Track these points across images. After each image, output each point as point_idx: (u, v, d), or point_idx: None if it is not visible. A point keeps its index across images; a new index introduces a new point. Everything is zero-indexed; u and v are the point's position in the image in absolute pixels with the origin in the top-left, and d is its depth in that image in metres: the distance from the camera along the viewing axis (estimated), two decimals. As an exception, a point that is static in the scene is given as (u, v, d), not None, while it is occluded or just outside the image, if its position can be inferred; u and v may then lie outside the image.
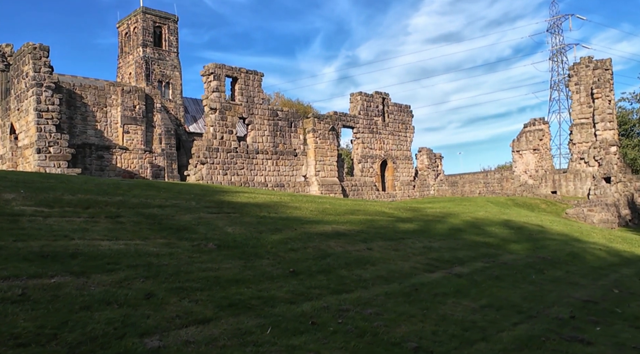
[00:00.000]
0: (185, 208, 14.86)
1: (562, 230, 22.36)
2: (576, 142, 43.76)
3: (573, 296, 10.00)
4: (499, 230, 19.40)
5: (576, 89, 43.92)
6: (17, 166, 28.51)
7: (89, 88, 37.60)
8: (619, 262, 15.20)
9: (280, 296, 7.92)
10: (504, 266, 12.14)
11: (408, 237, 14.42)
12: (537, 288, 10.41)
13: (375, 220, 17.75)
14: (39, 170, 26.39)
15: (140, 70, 67.93)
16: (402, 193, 45.53)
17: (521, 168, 46.86)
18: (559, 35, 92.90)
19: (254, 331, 6.43)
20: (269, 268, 9.45)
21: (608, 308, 9.52)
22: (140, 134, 39.16)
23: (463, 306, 8.48)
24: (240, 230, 12.63)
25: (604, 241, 20.69)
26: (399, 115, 46.79)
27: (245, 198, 19.18)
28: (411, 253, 12.17)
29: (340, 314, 7.30)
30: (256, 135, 35.77)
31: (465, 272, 11.01)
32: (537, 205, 39.30)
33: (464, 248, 13.80)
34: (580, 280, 11.82)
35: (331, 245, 11.98)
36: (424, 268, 10.85)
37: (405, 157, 46.79)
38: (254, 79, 35.77)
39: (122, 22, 72.19)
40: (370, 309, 7.71)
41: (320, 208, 19.27)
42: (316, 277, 9.22)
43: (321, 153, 38.66)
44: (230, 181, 33.60)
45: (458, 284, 9.85)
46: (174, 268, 8.77)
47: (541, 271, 12.14)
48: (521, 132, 47.60)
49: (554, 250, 15.76)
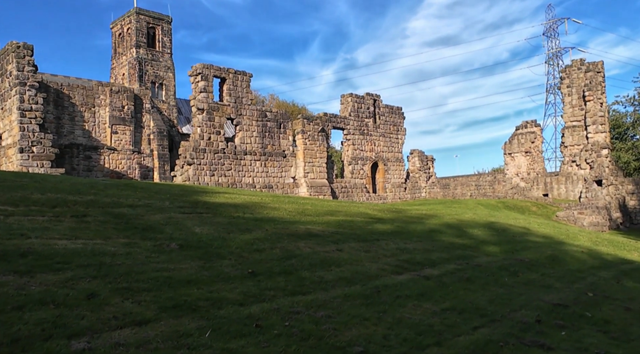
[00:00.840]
0: (158, 208, 14.56)
1: (548, 233, 22.08)
2: (568, 145, 43.52)
3: (543, 300, 9.72)
4: (481, 232, 19.11)
5: (568, 92, 43.70)
6: (1, 166, 28.16)
7: (77, 88, 37.27)
8: (599, 265, 14.91)
9: (231, 297, 7.63)
10: (477, 268, 11.85)
11: (383, 238, 14.12)
12: (507, 291, 10.12)
13: (354, 221, 17.45)
14: (22, 169, 26.05)
15: (134, 71, 67.65)
16: (393, 195, 45.24)
17: (513, 171, 46.59)
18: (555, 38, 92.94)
19: (192, 334, 6.14)
20: (227, 269, 9.15)
21: (578, 311, 9.24)
22: (128, 135, 38.82)
23: (424, 309, 8.19)
24: (208, 230, 12.33)
25: (589, 244, 20.40)
26: (391, 116, 46.53)
27: (224, 198, 18.88)
28: (382, 254, 11.88)
29: (290, 317, 7.01)
30: (244, 136, 35.47)
31: (434, 274, 10.72)
32: (527, 207, 39.03)
33: (439, 250, 13.51)
34: (555, 283, 11.54)
35: (300, 245, 11.68)
36: (392, 270, 10.56)
37: (397, 159, 46.51)
38: (243, 80, 35.49)
39: (116, 23, 71.91)
40: (324, 311, 7.42)
41: (300, 209, 18.97)
42: (275, 278, 8.92)
43: (310, 154, 38.37)
44: (218, 182, 33.29)
45: (424, 286, 9.57)
46: (127, 268, 8.47)
47: (515, 274, 11.86)
48: (513, 134, 47.35)
49: (534, 252, 15.47)
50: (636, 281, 13.03)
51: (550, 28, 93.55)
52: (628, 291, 11.77)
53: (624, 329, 8.65)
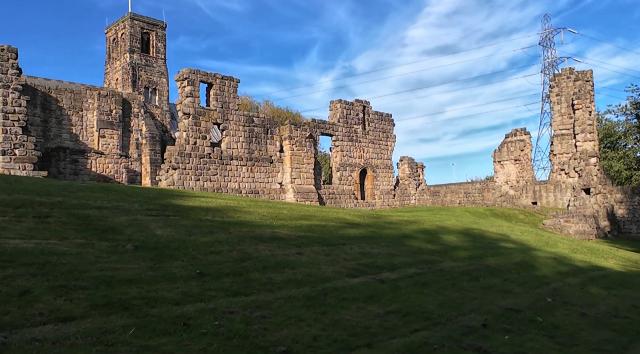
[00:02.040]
0: (125, 210, 14.51)
1: (526, 240, 22.02)
2: (557, 153, 43.54)
3: (497, 304, 9.65)
4: (456, 237, 19.06)
5: (557, 100, 43.78)
6: (-17, 168, 28.09)
7: (64, 91, 37.27)
8: (568, 271, 14.85)
9: (169, 297, 7.56)
10: (438, 273, 11.79)
11: (350, 243, 14.06)
12: (462, 295, 10.06)
13: (326, 226, 17.40)
14: (3, 172, 25.99)
15: (127, 76, 67.74)
16: (381, 202, 45.19)
17: (502, 179, 46.58)
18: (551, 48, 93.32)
19: (116, 331, 6.07)
20: (176, 270, 9.09)
21: (530, 316, 9.17)
22: (116, 139, 38.80)
23: (367, 311, 8.12)
24: (170, 232, 12.28)
25: (567, 251, 20.34)
26: (380, 123, 46.57)
27: (199, 202, 18.81)
28: (343, 258, 11.82)
29: (223, 317, 6.94)
30: (231, 141, 35.45)
31: (391, 278, 10.66)
32: (515, 215, 38.98)
33: (404, 255, 13.44)
34: (516, 289, 11.48)
35: (260, 248, 11.62)
36: (348, 273, 10.49)
37: (386, 165, 46.50)
38: (230, 85, 35.52)
39: (110, 28, 72.09)
40: (260, 312, 7.36)
41: (275, 213, 18.91)
42: (222, 279, 8.86)
43: (297, 160, 38.34)
44: (203, 187, 33.23)
45: (376, 289, 9.50)
46: (70, 267, 8.41)
47: (476, 279, 11.80)
48: (503, 142, 47.39)
49: (504, 258, 15.40)
50: (601, 288, 12.97)
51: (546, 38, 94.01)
52: (590, 298, 11.71)
53: (573, 334, 8.60)
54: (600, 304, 11.09)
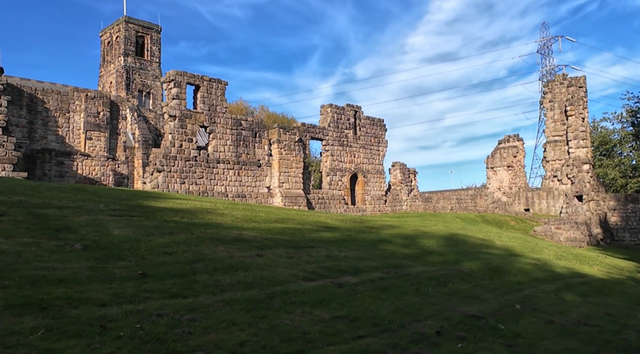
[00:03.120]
0: (89, 210, 14.04)
1: (511, 246, 21.55)
2: (550, 160, 43.08)
3: (459, 311, 9.17)
4: (436, 242, 18.59)
5: (550, 106, 43.37)
6: (-38, 168, 27.64)
7: (51, 93, 36.88)
8: (545, 278, 14.36)
9: (97, 297, 7.10)
10: (404, 277, 11.32)
11: (320, 246, 13.60)
12: (423, 300, 9.58)
13: (301, 229, 16.93)
14: (-19, 172, 25.56)
15: (121, 79, 67.48)
16: (372, 208, 44.69)
17: (495, 185, 46.09)
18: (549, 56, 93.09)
19: (22, 333, 5.62)
20: (118, 270, 8.63)
21: (491, 324, 8.69)
22: (103, 141, 38.37)
23: (312, 316, 7.65)
24: (128, 232, 11.81)
25: (551, 258, 19.86)
26: (372, 128, 46.16)
27: (172, 203, 18.35)
28: (306, 261, 11.35)
29: (148, 319, 6.48)
30: (218, 144, 35.01)
31: (351, 282, 10.19)
32: (506, 222, 38.48)
33: (373, 259, 12.97)
34: (484, 294, 11.00)
35: (219, 250, 11.16)
36: (305, 277, 10.02)
37: (377, 171, 46.03)
38: (217, 88, 35.12)
39: (105, 31, 71.87)
40: (192, 315, 6.89)
41: (250, 215, 18.46)
42: (165, 281, 8.40)
43: (286, 164, 37.89)
44: (188, 190, 32.75)
45: (330, 293, 9.03)
46: (2, 266, 7.96)
47: (444, 284, 11.32)
48: (495, 148, 46.94)
49: (480, 263, 14.92)
50: (577, 295, 12.48)
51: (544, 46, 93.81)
52: (562, 305, 11.23)
53: (533, 343, 8.11)
54: (571, 312, 10.61)
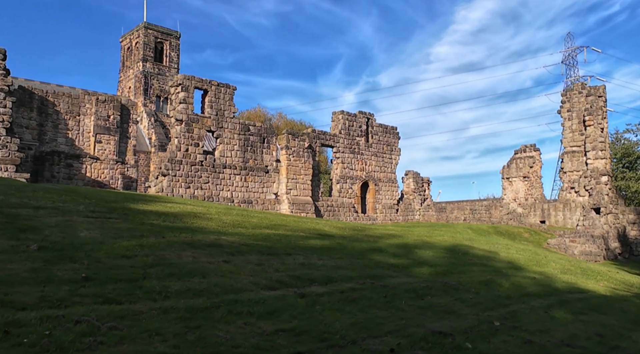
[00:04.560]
0: (65, 211, 13.71)
1: (515, 259, 20.61)
2: (567, 171, 41.71)
3: (427, 327, 8.47)
4: (433, 253, 17.81)
5: (568, 116, 42.07)
6: (-32, 169, 27.83)
7: (62, 95, 37.15)
8: (539, 292, 13.49)
9: (21, 301, 6.65)
10: (379, 289, 10.64)
11: (299, 253, 13.00)
12: (389, 314, 8.91)
13: (290, 236, 16.35)
14: (-17, 173, 25.65)
15: (139, 84, 68.03)
16: (383, 217, 43.87)
17: (510, 196, 44.84)
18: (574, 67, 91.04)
19: None
20: (61, 273, 8.19)
21: (458, 342, 7.96)
22: (113, 144, 38.45)
23: (254, 328, 7.06)
24: (95, 234, 11.41)
25: (556, 272, 18.89)
26: (384, 136, 45.43)
27: (162, 207, 17.97)
28: (275, 269, 10.76)
29: (63, 326, 5.99)
30: (225, 149, 34.73)
31: (317, 292, 9.56)
32: (519, 233, 37.28)
33: (352, 268, 12.31)
34: (464, 309, 10.25)
35: (185, 254, 10.65)
36: (268, 285, 9.44)
37: (389, 179, 45.22)
38: (225, 92, 34.90)
39: (125, 37, 72.68)
40: (117, 322, 6.37)
41: (241, 221, 17.97)
42: (107, 285, 7.92)
43: (294, 171, 37.41)
44: (193, 195, 32.49)
45: (286, 304, 8.43)
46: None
47: (421, 297, 10.61)
48: (511, 158, 45.72)
49: (471, 276, 14.12)
50: (569, 312, 11.62)
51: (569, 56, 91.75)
52: (548, 322, 10.41)
53: (500, 364, 7.39)
54: (556, 331, 9.80)
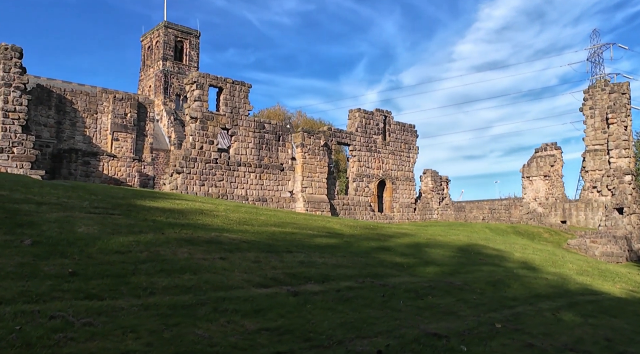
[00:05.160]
0: (68, 207, 13.70)
1: (531, 259, 20.06)
2: (589, 170, 40.66)
3: (421, 328, 8.16)
4: (443, 252, 17.41)
5: (590, 113, 41.00)
6: (-14, 166, 28.27)
7: (80, 94, 37.57)
8: (549, 294, 13.02)
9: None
10: (378, 288, 10.34)
11: (300, 251, 12.76)
12: (383, 314, 8.61)
13: (297, 233, 16.13)
14: (0, 170, 25.98)
15: (159, 83, 68.59)
16: (400, 216, 43.38)
17: (531, 195, 43.91)
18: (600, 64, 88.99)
19: None
20: (49, 268, 8.10)
21: (453, 345, 7.64)
22: (130, 142, 38.75)
23: (236, 326, 6.85)
24: (92, 230, 11.33)
25: (571, 273, 18.31)
26: (402, 134, 44.91)
27: (168, 203, 17.90)
28: (272, 266, 10.55)
29: (35, 321, 5.86)
30: (239, 147, 34.68)
31: (312, 290, 9.32)
32: (539, 233, 36.45)
33: (353, 267, 12.03)
34: (464, 311, 9.89)
35: (180, 251, 10.50)
36: (261, 283, 9.22)
37: (407, 178, 44.71)
38: (240, 90, 34.85)
39: (146, 36, 73.36)
40: (94, 319, 6.22)
41: (248, 218, 17.82)
42: (91, 281, 7.80)
43: (309, 169, 37.19)
44: (208, 192, 32.51)
45: (276, 302, 8.20)
46: None
47: (421, 297, 10.28)
48: (532, 157, 44.78)
49: (479, 276, 13.71)
50: (578, 315, 11.16)
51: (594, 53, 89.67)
52: (554, 325, 9.99)
53: (495, 368, 7.04)
54: (562, 335, 9.38)
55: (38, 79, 52.94)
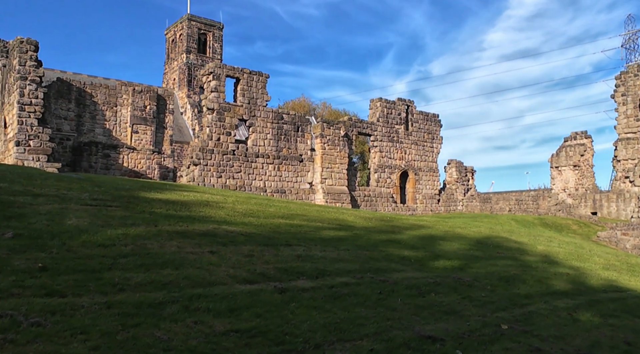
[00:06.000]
0: (66, 199, 13.37)
1: (554, 252, 19.04)
2: (621, 159, 38.89)
3: (416, 329, 7.47)
4: (459, 245, 16.60)
5: (622, 100, 39.15)
6: (5, 159, 28.54)
7: (99, 87, 37.67)
8: (567, 291, 12.11)
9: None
10: (377, 284, 9.67)
11: (301, 245, 12.16)
12: (374, 314, 7.95)
13: (304, 226, 15.54)
14: (17, 163, 26.10)
15: (183, 76, 68.76)
16: (423, 207, 42.40)
17: (559, 186, 42.31)
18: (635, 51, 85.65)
19: None
20: (20, 262, 7.69)
21: (447, 349, 6.95)
22: (149, 134, 38.72)
23: (204, 327, 6.29)
24: (82, 222, 10.93)
25: (596, 267, 17.26)
26: (425, 124, 43.81)
27: (175, 195, 17.51)
28: (265, 261, 9.97)
29: (-24, 325, 5.39)
30: (257, 138, 34.24)
31: (301, 287, 8.70)
32: (567, 225, 35.06)
33: (355, 261, 11.37)
34: (469, 309, 9.14)
35: (169, 244, 10.01)
36: (246, 278, 8.66)
37: (430, 168, 43.64)
38: (258, 80, 34.34)
39: (170, 29, 73.58)
40: (46, 318, 5.75)
41: (256, 209, 17.31)
42: (59, 276, 7.35)
43: (329, 160, 36.53)
44: (225, 184, 32.19)
45: (257, 300, 7.61)
46: None
47: (423, 295, 9.56)
48: (561, 146, 43.10)
49: (492, 271, 12.88)
50: (598, 315, 10.27)
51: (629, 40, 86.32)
52: (569, 327, 9.16)
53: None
54: (575, 337, 8.56)
55: (64, 74, 53.55)
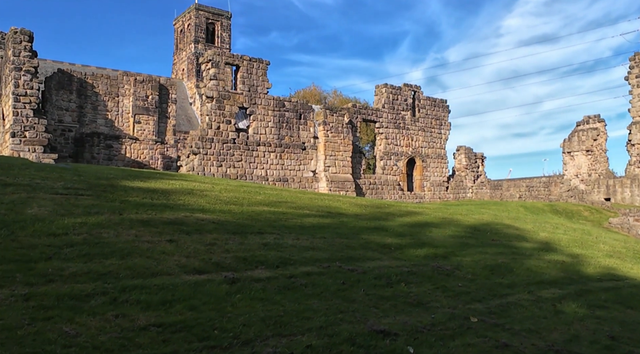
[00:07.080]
0: (36, 189, 12.97)
1: (557, 239, 18.26)
2: (635, 143, 37.51)
3: (368, 323, 6.87)
4: (450, 232, 15.91)
5: (637, 82, 37.69)
6: (3, 151, 28.44)
7: (101, 77, 37.43)
8: (557, 279, 11.38)
9: None
10: (345, 274, 9.08)
11: (274, 233, 11.60)
12: (329, 305, 7.37)
13: (286, 213, 14.98)
14: (13, 154, 25.94)
15: (192, 66, 68.40)
16: (431, 195, 41.55)
17: (572, 172, 41.07)
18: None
19: None
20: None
21: (398, 345, 6.32)
22: (152, 125, 38.42)
23: (124, 320, 5.78)
24: (43, 211, 10.51)
25: (599, 254, 16.45)
26: (432, 110, 42.82)
27: (158, 184, 17.06)
28: (224, 249, 9.44)
29: None
30: (258, 126, 33.70)
31: (256, 277, 8.15)
32: (579, 212, 34.00)
33: (328, 249, 10.78)
34: (438, 300, 8.51)
35: (126, 233, 9.53)
36: (197, 268, 8.13)
37: (438, 155, 42.70)
38: (258, 67, 33.74)
39: (178, 19, 73.21)
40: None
41: (241, 197, 16.79)
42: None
43: (332, 147, 35.86)
44: (226, 173, 31.77)
45: (199, 291, 7.08)
46: None
47: (391, 285, 8.95)
48: (573, 130, 41.78)
49: (478, 259, 12.18)
50: (584, 305, 9.55)
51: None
52: (547, 319, 8.48)
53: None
54: (553, 331, 7.89)
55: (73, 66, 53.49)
